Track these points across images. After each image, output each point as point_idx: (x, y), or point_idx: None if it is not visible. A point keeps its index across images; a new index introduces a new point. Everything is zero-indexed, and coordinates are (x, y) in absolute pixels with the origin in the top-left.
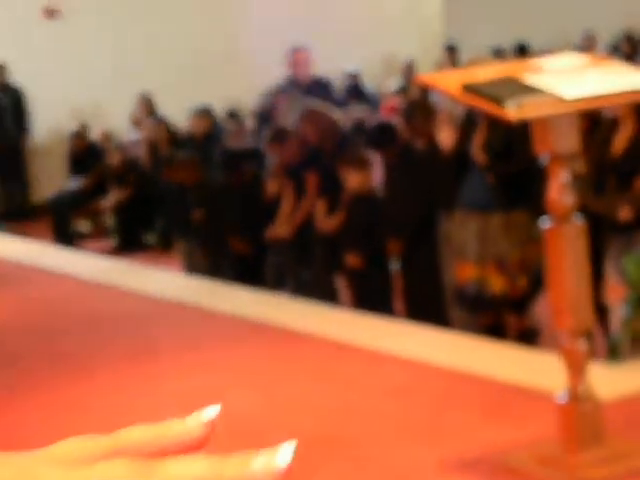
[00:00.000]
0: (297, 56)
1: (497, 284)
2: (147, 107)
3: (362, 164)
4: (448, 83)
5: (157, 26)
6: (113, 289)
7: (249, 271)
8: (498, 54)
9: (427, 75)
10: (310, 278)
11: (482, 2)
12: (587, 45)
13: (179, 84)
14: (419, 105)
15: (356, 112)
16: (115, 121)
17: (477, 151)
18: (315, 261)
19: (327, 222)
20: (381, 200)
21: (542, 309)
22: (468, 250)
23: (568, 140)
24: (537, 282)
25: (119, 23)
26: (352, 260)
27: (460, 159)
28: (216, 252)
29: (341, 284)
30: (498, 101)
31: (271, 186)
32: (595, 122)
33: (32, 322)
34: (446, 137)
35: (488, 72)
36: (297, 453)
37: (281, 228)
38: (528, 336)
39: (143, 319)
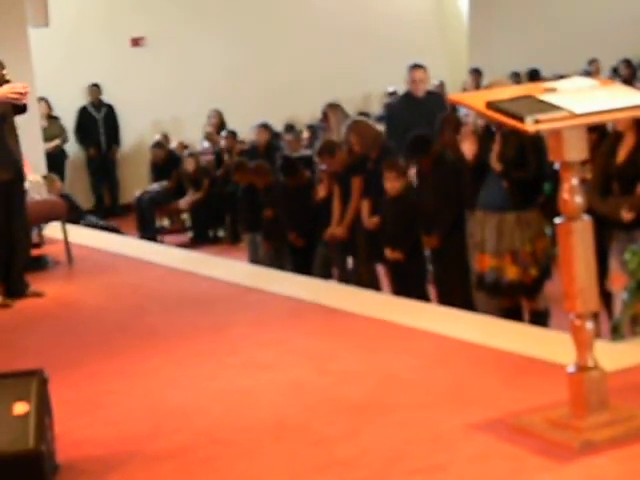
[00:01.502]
0: (413, 73)
1: (512, 272)
2: (218, 121)
3: (401, 171)
4: (474, 101)
5: (228, 52)
6: (189, 275)
7: (303, 262)
8: (514, 77)
9: (456, 94)
10: (355, 268)
11: (501, 34)
12: (593, 70)
13: (246, 103)
14: (449, 120)
15: None
16: (190, 133)
17: (494, 160)
18: (360, 253)
19: (370, 220)
20: (416, 202)
21: (552, 294)
22: (487, 244)
23: (578, 150)
24: (546, 271)
25: (194, 49)
26: (391, 254)
27: (480, 167)
28: (278, 245)
29: (382, 273)
30: (518, 116)
31: (321, 190)
32: (602, 135)
33: (123, 303)
34: (469, 148)
35: (508, 92)
36: (344, 417)
37: (337, 229)
38: (540, 317)
39: (214, 301)
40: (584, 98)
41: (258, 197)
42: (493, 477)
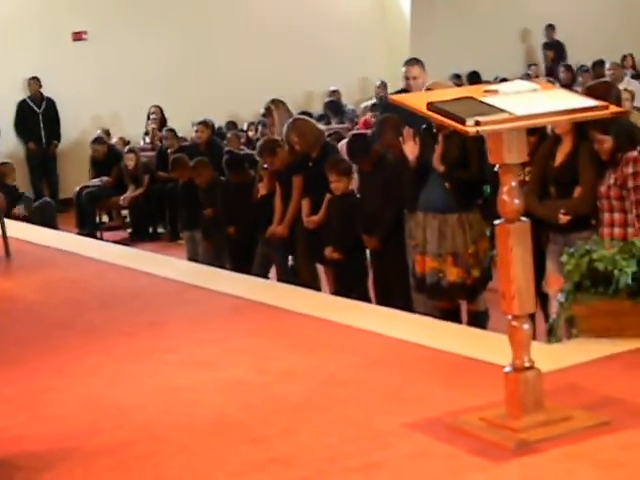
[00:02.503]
0: (409, 69)
1: (453, 274)
2: (159, 117)
3: (346, 171)
4: (416, 102)
5: (170, 47)
6: (128, 272)
7: (243, 260)
8: (456, 79)
9: (397, 95)
10: (296, 266)
11: (442, 35)
12: (533, 74)
13: (187, 99)
14: (389, 121)
15: (336, 126)
16: (131, 129)
17: (437, 161)
18: (300, 252)
19: (310, 220)
20: (358, 201)
21: (490, 296)
22: (428, 246)
23: (518, 152)
24: (487, 273)
25: (136, 44)
26: (332, 253)
27: (422, 168)
28: (217, 243)
29: (322, 272)
30: (459, 118)
31: (262, 189)
32: (541, 137)
33: (62, 299)
34: (411, 150)
35: (449, 93)
36: (282, 415)
37: (277, 228)
38: (480, 318)
39: (153, 297)
40: (525, 101)
41: (197, 194)
42: (429, 476)
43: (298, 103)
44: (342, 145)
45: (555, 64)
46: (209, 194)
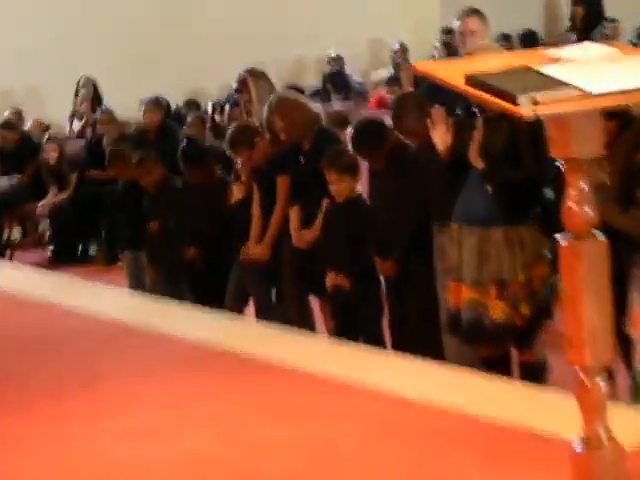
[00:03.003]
0: (465, 21)
1: (497, 310)
2: (92, 94)
3: (350, 168)
4: (449, 73)
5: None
6: (50, 307)
7: (208, 291)
8: (504, 41)
9: (422, 63)
10: (280, 299)
11: None
12: (611, 33)
13: (126, 70)
14: (411, 99)
15: (338, 105)
16: (53, 110)
17: (475, 155)
18: (287, 280)
19: (302, 235)
20: (367, 210)
21: (551, 341)
22: (465, 270)
23: (590, 143)
24: (544, 309)
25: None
26: (336, 279)
27: (457, 164)
28: (170, 268)
29: (318, 306)
30: (509, 95)
31: (235, 192)
32: (623, 123)
33: None
34: (442, 138)
35: (496, 61)
36: None
37: (256, 247)
38: (534, 372)
39: (83, 342)
40: (600, 72)
41: (143, 201)
42: None
43: (285, 74)
44: (346, 133)
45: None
46: (159, 200)
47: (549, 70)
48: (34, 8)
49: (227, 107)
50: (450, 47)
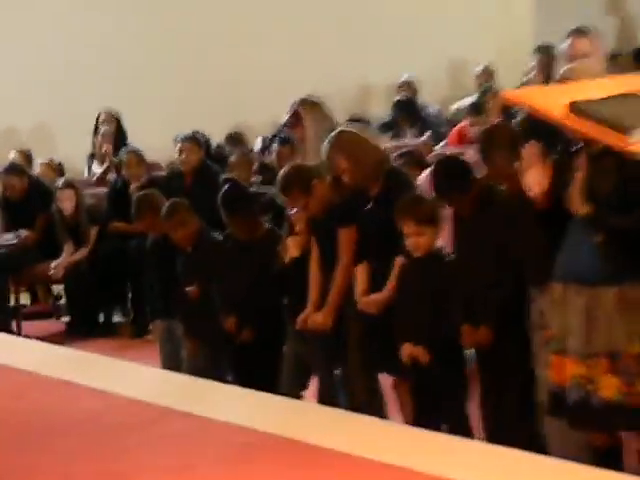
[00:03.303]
0: (575, 42)
1: (610, 387)
2: (114, 132)
3: (431, 218)
4: (546, 101)
5: (133, 25)
6: (67, 387)
7: (257, 367)
8: (612, 61)
9: (513, 90)
10: (346, 377)
11: None
12: None
13: (155, 103)
14: (501, 133)
15: (411, 139)
16: (66, 150)
17: (578, 199)
18: (353, 354)
19: (372, 298)
20: (453, 266)
21: None
22: (571, 339)
23: None
24: None
25: (76, 18)
26: (414, 352)
27: (556, 211)
28: (211, 340)
29: (388, 387)
30: (618, 127)
31: (290, 249)
32: None
33: None
34: (537, 181)
35: (603, 86)
36: None
37: (316, 315)
38: None
39: (106, 431)
40: None
41: (177, 259)
42: None
43: (348, 103)
44: (422, 177)
45: None
46: (196, 259)
47: None
48: (41, 29)
49: (276, 145)
50: (546, 70)
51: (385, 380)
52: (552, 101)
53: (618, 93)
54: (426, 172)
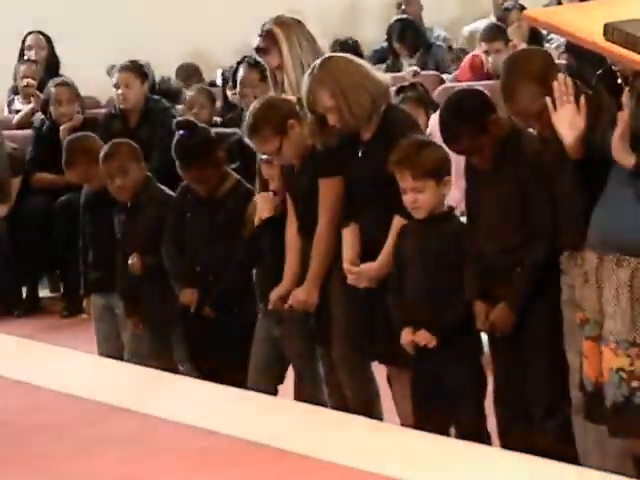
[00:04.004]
0: None
1: None
2: (46, 59)
3: (436, 169)
4: (578, 22)
5: None
6: None
7: (220, 355)
8: None
9: (538, 9)
10: (329, 365)
11: None
12: None
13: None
14: (528, 62)
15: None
16: None
17: (619, 146)
18: (339, 337)
19: (363, 268)
20: (466, 231)
21: None
22: (609, 322)
23: None
24: None
25: None
26: (415, 336)
27: (593, 161)
28: (160, 320)
29: (382, 376)
30: None
31: (262, 206)
32: None
33: None
34: (571, 124)
35: None
36: None
37: (297, 291)
38: None
39: (45, 431)
40: None
41: (116, 220)
42: None
43: (334, 25)
44: (433, 120)
45: None
46: (139, 219)
47: None
48: None
49: (242, 73)
50: None
51: (379, 371)
52: (588, 21)
53: None
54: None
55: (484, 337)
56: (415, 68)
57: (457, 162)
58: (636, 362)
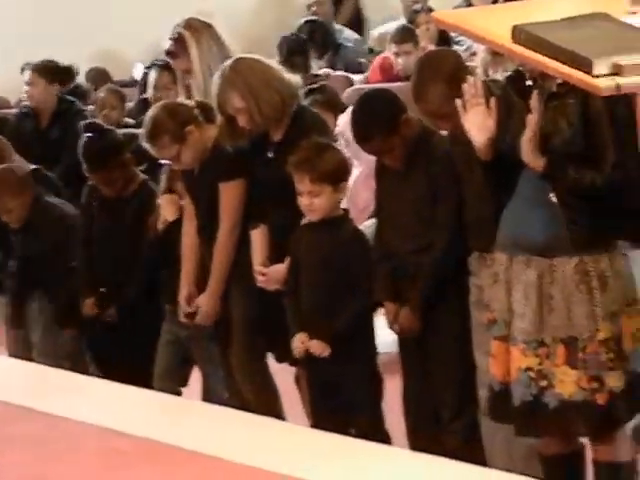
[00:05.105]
0: None
1: (567, 383)
2: None
3: (332, 172)
4: (486, 24)
5: None
6: None
7: (124, 357)
8: None
9: (447, 12)
10: (229, 366)
11: None
12: None
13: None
14: (439, 63)
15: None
16: None
17: (529, 149)
18: (242, 339)
19: (271, 270)
20: (359, 234)
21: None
22: (517, 321)
23: None
24: (637, 382)
25: None
26: (306, 344)
27: (503, 163)
28: (62, 319)
29: (286, 380)
30: (579, 58)
31: (166, 209)
32: None
33: None
34: (479, 125)
35: (556, 5)
36: None
37: (201, 297)
38: (618, 474)
39: None
40: None
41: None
42: None
43: (241, 26)
44: (343, 120)
45: None
46: (35, 239)
47: (638, 20)
48: None
49: (153, 77)
50: None
51: (287, 372)
52: (496, 24)
53: (575, 15)
54: (348, 112)
55: (394, 338)
56: (327, 70)
57: (368, 161)
58: (545, 362)
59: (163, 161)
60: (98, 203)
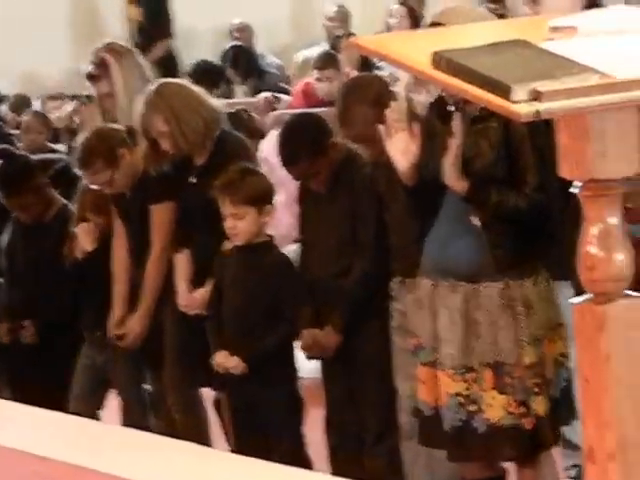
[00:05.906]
0: None
1: (496, 407)
2: None
3: (257, 196)
4: (406, 50)
5: None
6: None
7: (42, 382)
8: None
9: (367, 38)
10: (158, 394)
11: None
12: None
13: None
14: (362, 89)
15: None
16: None
17: (451, 173)
18: (170, 365)
19: (194, 295)
20: (281, 258)
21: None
22: (444, 348)
23: (622, 155)
24: (561, 405)
25: None
26: (226, 362)
27: (427, 187)
28: None
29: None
30: (498, 84)
31: (83, 238)
32: None
33: None
34: (404, 150)
35: (478, 32)
36: None
37: (130, 321)
38: None
39: None
40: (631, 48)
41: None
42: None
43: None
44: (266, 145)
45: None
46: None
47: (556, 46)
48: None
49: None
50: (414, 14)
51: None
52: (416, 50)
53: (495, 42)
54: (272, 137)
55: (317, 363)
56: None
57: (289, 188)
58: (473, 386)
59: (93, 186)
60: (18, 229)
